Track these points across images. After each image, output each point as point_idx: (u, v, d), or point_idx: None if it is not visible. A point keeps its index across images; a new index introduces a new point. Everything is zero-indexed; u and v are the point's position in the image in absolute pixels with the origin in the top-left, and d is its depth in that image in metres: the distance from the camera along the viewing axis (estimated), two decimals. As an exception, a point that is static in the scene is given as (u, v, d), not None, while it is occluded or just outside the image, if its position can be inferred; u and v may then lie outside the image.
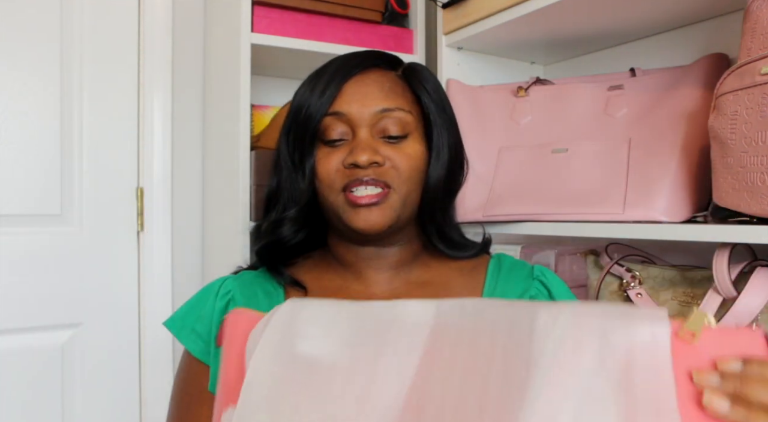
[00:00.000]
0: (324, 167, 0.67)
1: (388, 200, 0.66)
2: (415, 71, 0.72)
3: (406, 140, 0.68)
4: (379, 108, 0.66)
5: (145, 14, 1.45)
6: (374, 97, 0.67)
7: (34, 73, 1.34)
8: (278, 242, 0.71)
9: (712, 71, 0.85)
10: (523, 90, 1.03)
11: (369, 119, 0.66)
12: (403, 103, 0.68)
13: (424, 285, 0.72)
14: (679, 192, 0.80)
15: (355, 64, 0.69)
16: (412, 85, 0.71)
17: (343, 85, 0.67)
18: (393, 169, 0.66)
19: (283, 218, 0.70)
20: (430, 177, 0.69)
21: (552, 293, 0.71)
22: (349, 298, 0.70)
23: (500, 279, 0.72)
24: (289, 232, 0.71)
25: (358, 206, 0.65)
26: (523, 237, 1.17)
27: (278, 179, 0.71)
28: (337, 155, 0.67)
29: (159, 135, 1.46)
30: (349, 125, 0.67)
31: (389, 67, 0.71)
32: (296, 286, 0.71)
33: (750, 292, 0.68)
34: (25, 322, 1.33)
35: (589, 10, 0.94)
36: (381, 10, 1.31)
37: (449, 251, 0.74)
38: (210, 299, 0.71)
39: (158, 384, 1.45)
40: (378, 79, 0.68)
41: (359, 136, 0.66)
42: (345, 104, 0.66)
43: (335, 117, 0.67)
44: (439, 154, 0.70)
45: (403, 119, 0.67)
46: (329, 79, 0.67)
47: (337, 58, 0.71)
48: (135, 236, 1.46)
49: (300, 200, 0.69)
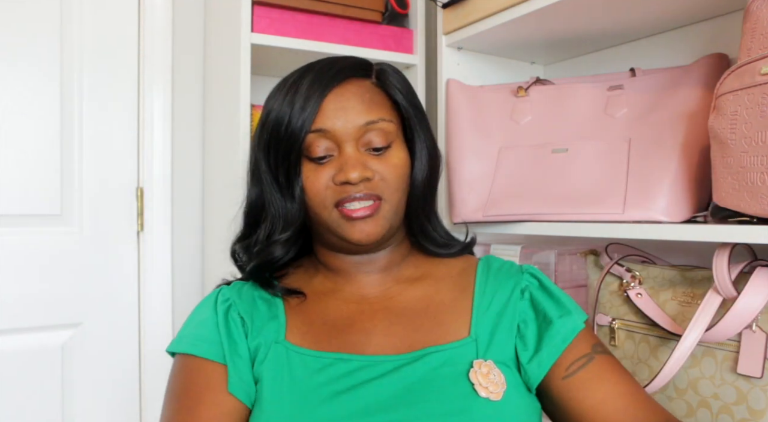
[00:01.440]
0: (314, 186, 0.67)
1: (380, 211, 0.67)
2: (387, 75, 0.71)
3: (390, 150, 0.68)
4: (363, 121, 0.66)
5: (145, 14, 1.45)
6: (357, 111, 0.66)
7: (34, 73, 1.34)
8: (270, 262, 0.72)
9: (712, 71, 0.85)
10: (523, 90, 1.03)
11: (354, 133, 0.66)
12: (384, 113, 0.68)
13: (414, 282, 0.73)
14: (679, 192, 0.80)
15: (332, 76, 0.68)
16: (387, 91, 0.71)
17: (323, 100, 0.66)
18: (382, 181, 0.67)
19: (276, 240, 0.70)
20: (415, 180, 0.70)
21: (543, 283, 0.71)
22: (342, 300, 0.71)
23: (490, 278, 0.73)
24: (281, 252, 0.72)
25: (353, 219, 0.66)
26: (523, 237, 1.17)
27: (258, 192, 0.71)
28: (325, 172, 0.66)
29: (159, 135, 1.46)
30: (333, 140, 0.66)
31: (363, 75, 0.70)
32: (292, 293, 0.72)
33: (750, 292, 0.68)
34: (25, 322, 1.33)
35: (589, 10, 0.94)
36: (381, 10, 1.31)
37: (435, 248, 0.75)
38: (209, 308, 0.71)
39: (158, 384, 1.45)
40: (357, 91, 0.68)
41: (346, 152, 0.66)
42: (328, 120, 0.66)
43: (319, 134, 0.66)
44: (421, 156, 0.71)
45: (386, 129, 0.68)
46: (307, 93, 0.66)
47: (308, 67, 0.70)
48: (135, 236, 1.46)
49: (293, 222, 0.69)
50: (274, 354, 0.66)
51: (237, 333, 0.68)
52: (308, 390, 0.63)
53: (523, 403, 0.64)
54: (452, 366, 0.64)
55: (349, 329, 0.68)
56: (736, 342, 0.71)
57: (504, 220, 0.96)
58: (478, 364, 0.63)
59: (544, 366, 0.65)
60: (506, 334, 0.67)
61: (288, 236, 0.70)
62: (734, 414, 0.71)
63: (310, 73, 0.68)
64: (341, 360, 0.64)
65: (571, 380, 0.64)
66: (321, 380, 0.63)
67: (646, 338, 0.83)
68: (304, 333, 0.68)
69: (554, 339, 0.66)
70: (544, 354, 0.65)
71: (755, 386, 0.69)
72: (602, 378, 0.63)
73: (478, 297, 0.70)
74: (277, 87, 0.71)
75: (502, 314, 0.69)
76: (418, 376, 0.63)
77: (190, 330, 0.70)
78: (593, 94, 0.96)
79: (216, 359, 0.66)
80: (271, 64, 1.32)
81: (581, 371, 0.64)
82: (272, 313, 0.70)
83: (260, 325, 0.69)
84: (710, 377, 0.74)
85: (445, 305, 0.70)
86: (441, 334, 0.67)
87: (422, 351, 0.65)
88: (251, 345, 0.68)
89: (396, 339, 0.67)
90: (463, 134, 1.03)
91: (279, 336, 0.68)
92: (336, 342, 0.67)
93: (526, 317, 0.69)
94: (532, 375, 0.65)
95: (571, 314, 0.68)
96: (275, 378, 0.64)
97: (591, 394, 0.63)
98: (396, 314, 0.69)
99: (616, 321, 0.86)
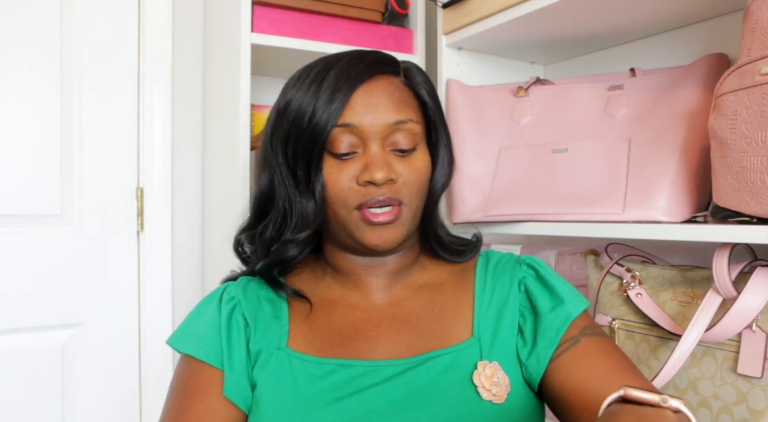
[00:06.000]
0: (336, 184, 0.64)
1: (401, 217, 0.65)
2: (414, 75, 0.70)
3: (415, 152, 0.66)
4: (392, 120, 0.64)
5: (145, 14, 1.45)
6: (386, 108, 0.64)
7: (34, 73, 1.34)
8: (283, 262, 0.70)
9: (712, 71, 0.85)
10: (523, 90, 1.03)
11: (381, 131, 0.64)
12: (412, 114, 0.66)
13: (421, 288, 0.71)
14: (679, 192, 0.80)
15: (361, 70, 0.65)
16: (416, 91, 0.69)
17: (352, 94, 0.64)
18: (405, 185, 0.65)
19: (293, 240, 0.67)
20: (435, 185, 0.69)
21: (540, 273, 0.70)
22: (348, 306, 0.69)
23: (489, 274, 0.72)
24: (296, 252, 0.69)
25: (373, 224, 0.64)
26: (523, 237, 1.17)
27: (269, 182, 0.69)
28: (348, 170, 0.64)
29: (159, 135, 1.46)
30: (359, 137, 0.64)
31: (393, 73, 0.68)
32: (298, 296, 0.70)
33: (750, 292, 0.68)
34: (25, 322, 1.33)
35: (589, 10, 0.94)
36: (381, 10, 1.31)
37: (449, 256, 0.74)
38: (213, 306, 0.70)
39: (158, 384, 1.45)
40: (387, 88, 0.66)
41: (372, 150, 0.64)
42: (356, 116, 0.63)
43: (345, 129, 0.63)
44: (444, 160, 0.70)
45: (413, 130, 0.66)
46: (335, 85, 0.63)
47: (334, 58, 0.67)
48: (135, 236, 1.46)
49: (312, 222, 0.66)
50: (276, 360, 0.65)
51: (238, 337, 0.67)
52: (311, 396, 0.62)
53: (527, 405, 0.64)
54: (456, 369, 0.63)
55: (354, 337, 0.67)
56: (736, 342, 0.71)
57: (504, 220, 0.96)
58: (482, 366, 0.63)
59: (543, 361, 0.63)
60: (508, 331, 0.67)
61: (306, 236, 0.67)
62: (734, 414, 0.71)
63: (336, 66, 0.65)
64: (344, 366, 0.64)
65: (554, 363, 0.63)
66: (323, 386, 0.62)
67: (646, 338, 0.83)
68: (309, 340, 0.67)
69: (548, 333, 0.64)
70: (541, 348, 0.64)
71: (755, 386, 0.69)
72: (584, 359, 0.61)
73: (478, 295, 0.70)
74: (298, 76, 0.68)
75: (503, 310, 0.68)
76: (421, 381, 0.62)
77: (193, 328, 0.69)
78: (593, 94, 0.95)
79: (214, 363, 0.65)
80: (271, 64, 1.32)
81: (564, 354, 0.63)
82: (276, 316, 0.69)
83: (264, 328, 0.68)
84: (710, 377, 0.74)
85: (449, 306, 0.69)
86: (445, 337, 0.66)
87: (425, 356, 0.64)
88: (253, 349, 0.67)
89: (401, 347, 0.66)
90: (463, 134, 1.03)
91: (281, 342, 0.67)
92: (340, 350, 0.65)
93: (523, 310, 0.68)
94: (534, 372, 0.64)
95: (564, 303, 0.66)
96: (277, 385, 0.64)
97: (571, 375, 0.61)
98: (401, 321, 0.68)
99: (616, 321, 0.86)
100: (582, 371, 0.60)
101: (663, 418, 0.40)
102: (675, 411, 0.42)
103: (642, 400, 0.43)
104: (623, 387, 0.44)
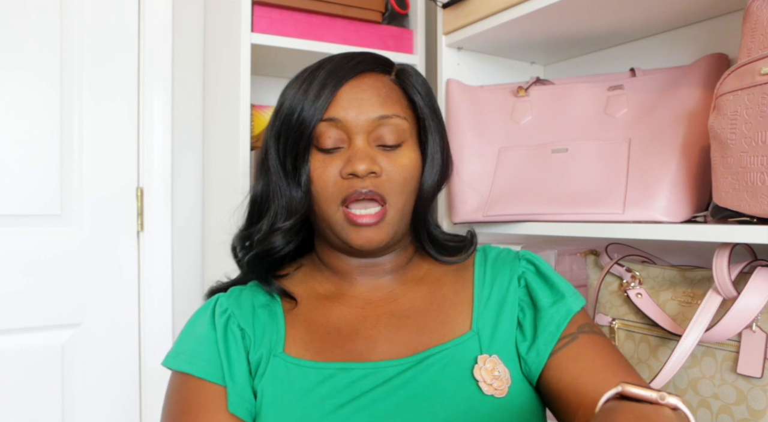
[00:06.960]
0: (321, 177, 0.65)
1: (386, 217, 0.65)
2: (408, 75, 0.70)
3: (401, 149, 0.67)
4: (376, 115, 0.65)
5: (145, 14, 1.45)
6: (371, 103, 0.65)
7: (34, 73, 1.34)
8: (269, 252, 0.70)
9: (712, 71, 0.85)
10: (523, 90, 1.03)
11: (366, 126, 0.65)
12: (399, 110, 0.67)
13: (419, 283, 0.72)
14: (679, 192, 0.80)
15: (350, 67, 0.67)
16: (406, 90, 0.69)
17: (338, 90, 0.65)
18: (388, 181, 0.65)
19: (278, 228, 0.68)
20: (425, 184, 0.69)
21: (539, 268, 0.70)
22: (345, 305, 0.69)
23: (488, 268, 0.72)
24: (282, 242, 0.69)
25: (358, 225, 0.64)
26: (523, 237, 1.17)
27: (265, 184, 0.69)
28: (333, 164, 0.65)
29: (159, 135, 1.46)
30: (345, 131, 0.65)
31: (383, 71, 0.69)
32: (286, 296, 0.70)
33: (750, 292, 0.68)
34: (25, 322, 1.33)
35: (589, 10, 0.94)
36: (381, 10, 1.31)
37: (443, 257, 0.73)
38: (206, 321, 0.68)
39: (158, 384, 1.45)
40: (374, 84, 0.67)
41: (356, 144, 0.65)
42: (341, 110, 0.65)
43: (330, 123, 0.65)
44: (433, 160, 0.69)
45: (399, 126, 0.66)
46: (323, 82, 0.65)
47: (327, 58, 0.69)
48: (135, 236, 1.46)
49: (296, 211, 0.67)
50: (272, 368, 0.64)
51: (236, 349, 0.65)
52: (310, 404, 0.61)
53: (528, 399, 0.63)
54: (456, 365, 0.63)
55: (353, 336, 0.66)
56: (736, 342, 0.71)
57: (504, 220, 0.96)
58: (483, 360, 0.63)
59: (543, 355, 0.63)
60: (508, 325, 0.67)
61: (291, 224, 0.68)
62: (734, 414, 0.71)
63: (327, 65, 0.67)
64: (343, 370, 0.63)
65: (552, 359, 0.63)
66: (323, 392, 0.62)
67: (646, 338, 0.83)
68: (307, 343, 0.66)
69: (549, 327, 0.65)
70: (541, 342, 0.64)
71: (755, 386, 0.69)
72: (582, 356, 0.62)
73: (477, 289, 0.70)
74: (294, 78, 0.70)
75: (502, 304, 0.68)
76: (422, 380, 0.62)
77: (188, 346, 0.67)
78: (593, 94, 0.96)
79: (215, 380, 0.63)
80: (271, 64, 1.32)
81: (562, 350, 0.63)
82: (272, 322, 0.68)
83: (261, 334, 0.67)
84: (710, 377, 0.74)
85: (448, 300, 0.69)
86: (444, 332, 0.66)
87: (425, 353, 0.64)
88: (252, 359, 0.65)
89: (401, 345, 0.65)
90: (463, 134, 1.03)
91: (277, 348, 0.66)
92: (339, 352, 0.65)
93: (523, 305, 0.68)
94: (533, 366, 0.64)
95: (565, 298, 0.66)
96: (275, 393, 0.62)
97: (568, 371, 0.61)
98: (400, 318, 0.68)
99: (616, 321, 0.86)
100: (579, 367, 0.61)
101: (660, 415, 0.40)
102: (673, 408, 0.42)
103: (640, 397, 0.43)
104: (621, 383, 0.44)
